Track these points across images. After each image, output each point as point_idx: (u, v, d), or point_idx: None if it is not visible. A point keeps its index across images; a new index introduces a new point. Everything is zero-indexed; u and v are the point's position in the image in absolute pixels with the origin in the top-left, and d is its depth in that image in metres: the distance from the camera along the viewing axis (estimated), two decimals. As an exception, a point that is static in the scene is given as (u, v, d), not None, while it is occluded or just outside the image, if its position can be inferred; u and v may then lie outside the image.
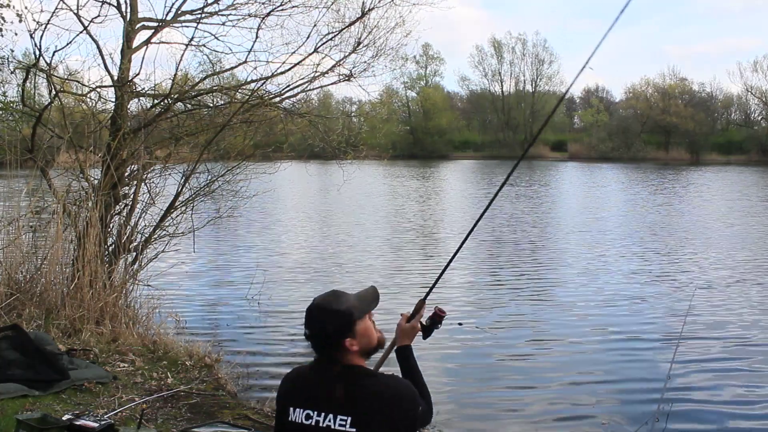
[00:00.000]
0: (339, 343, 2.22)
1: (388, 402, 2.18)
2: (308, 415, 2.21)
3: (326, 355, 2.25)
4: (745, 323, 8.56)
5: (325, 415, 2.18)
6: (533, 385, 6.58)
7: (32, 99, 8.00)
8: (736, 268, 12.20)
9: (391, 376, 2.29)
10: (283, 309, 9.31)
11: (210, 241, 14.28)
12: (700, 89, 68.15)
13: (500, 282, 11.26)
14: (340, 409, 2.17)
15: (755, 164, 54.74)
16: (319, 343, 2.25)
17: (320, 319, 2.24)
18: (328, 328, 2.23)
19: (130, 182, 7.49)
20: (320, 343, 2.25)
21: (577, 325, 8.54)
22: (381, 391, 2.20)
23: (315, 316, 2.25)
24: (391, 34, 7.68)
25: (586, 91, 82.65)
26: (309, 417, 2.20)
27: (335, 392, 2.18)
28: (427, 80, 74.85)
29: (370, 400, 2.17)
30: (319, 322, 2.23)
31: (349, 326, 2.24)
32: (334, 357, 2.24)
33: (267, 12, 7.52)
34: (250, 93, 7.67)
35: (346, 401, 2.17)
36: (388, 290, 10.03)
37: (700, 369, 6.89)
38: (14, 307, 6.34)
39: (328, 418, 2.18)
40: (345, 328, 2.23)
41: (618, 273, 11.79)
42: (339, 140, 8.49)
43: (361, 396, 2.18)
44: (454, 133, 73.08)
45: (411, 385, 2.29)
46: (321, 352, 2.26)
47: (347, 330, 2.23)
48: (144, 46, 7.51)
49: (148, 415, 4.60)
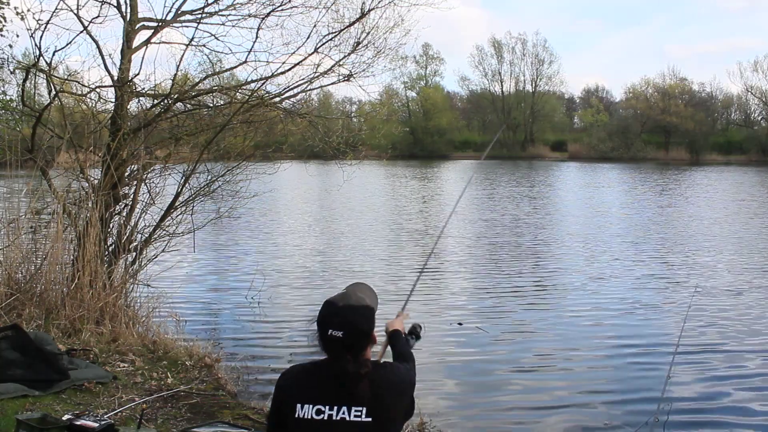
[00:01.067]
0: (370, 336, 2.27)
1: (398, 389, 2.27)
2: (319, 410, 2.20)
3: (355, 352, 2.21)
4: (746, 325, 8.56)
5: (338, 408, 2.19)
6: (533, 385, 6.59)
7: (32, 99, 8.00)
8: (737, 270, 12.20)
9: (393, 364, 2.41)
10: (283, 309, 9.31)
11: (210, 241, 14.29)
12: (700, 89, 68.25)
13: (500, 282, 11.25)
14: (355, 400, 2.19)
15: (755, 164, 54.74)
16: (353, 342, 2.21)
17: (352, 319, 2.22)
18: (363, 327, 2.24)
19: (130, 182, 7.49)
20: (354, 342, 2.21)
21: (577, 326, 8.54)
22: (392, 379, 2.28)
23: (346, 317, 2.21)
24: (390, 34, 7.70)
25: (586, 91, 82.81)
26: (320, 412, 2.20)
27: (359, 385, 2.18)
28: (427, 80, 74.85)
29: (385, 389, 2.23)
30: (352, 322, 2.22)
31: (374, 320, 2.31)
32: (360, 352, 2.23)
33: (267, 12, 7.53)
34: (250, 93, 7.67)
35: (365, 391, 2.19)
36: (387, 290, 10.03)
37: (700, 370, 6.90)
38: (14, 307, 6.34)
39: (341, 410, 2.19)
40: (373, 323, 2.29)
41: (618, 274, 11.78)
42: (339, 141, 8.49)
43: (378, 386, 2.22)
44: (454, 133, 73.07)
45: (410, 370, 2.43)
46: (350, 349, 2.20)
47: (374, 324, 2.30)
48: (144, 46, 7.51)
49: (148, 415, 4.60)
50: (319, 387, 2.23)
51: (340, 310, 2.22)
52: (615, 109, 74.95)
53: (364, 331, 2.24)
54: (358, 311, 2.24)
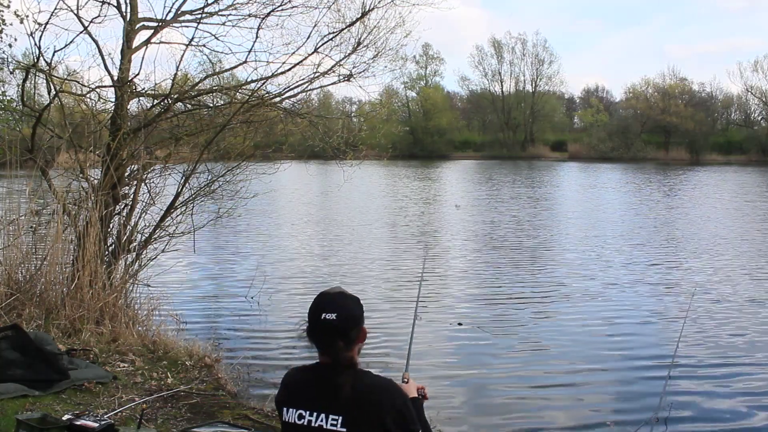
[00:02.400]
0: (360, 328, 2.25)
1: (380, 406, 2.17)
2: (300, 415, 2.21)
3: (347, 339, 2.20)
4: (746, 325, 8.56)
5: (317, 415, 2.18)
6: (533, 385, 6.58)
7: (32, 99, 7.99)
8: (737, 270, 12.20)
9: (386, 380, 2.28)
10: (283, 309, 9.31)
11: (210, 242, 14.28)
12: (700, 89, 68.25)
13: (500, 282, 11.25)
14: (333, 408, 2.16)
15: (755, 164, 54.73)
16: (346, 326, 2.20)
17: (344, 304, 2.25)
18: (355, 312, 2.25)
19: (130, 182, 7.49)
20: (346, 326, 2.20)
21: (577, 326, 8.54)
22: (372, 387, 2.21)
23: (339, 302, 2.24)
24: (391, 34, 7.69)
25: (586, 91, 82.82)
26: (301, 417, 2.21)
27: (342, 389, 2.15)
28: (427, 80, 74.85)
29: (365, 402, 2.16)
30: (345, 306, 2.24)
31: (363, 314, 2.29)
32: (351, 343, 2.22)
33: (267, 12, 7.53)
34: (250, 93, 7.67)
35: (345, 399, 2.15)
36: (387, 290, 10.04)
37: (700, 370, 6.90)
38: (14, 307, 6.34)
39: (320, 417, 2.18)
40: (362, 313, 2.29)
41: (618, 275, 11.78)
42: (339, 141, 8.49)
43: (359, 397, 2.17)
44: (454, 133, 73.09)
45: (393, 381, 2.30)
46: (343, 335, 2.19)
47: (363, 316, 2.29)
48: (144, 46, 7.50)
49: (148, 415, 4.60)
50: (303, 392, 2.24)
51: (333, 297, 2.27)
52: (615, 109, 74.97)
53: (356, 316, 2.25)
54: (350, 299, 2.29)
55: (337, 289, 2.34)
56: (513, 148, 69.47)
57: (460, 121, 76.26)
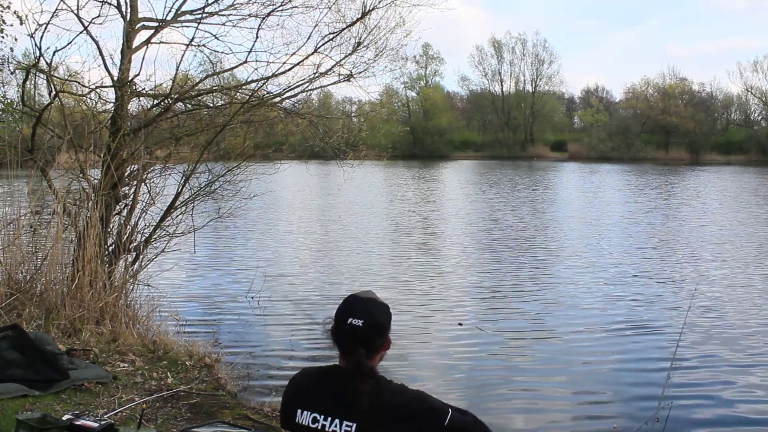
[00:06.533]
0: (385, 337, 2.22)
1: (399, 413, 2.14)
2: (315, 419, 2.18)
3: (369, 348, 2.17)
4: (746, 324, 8.56)
5: (332, 420, 2.15)
6: (532, 385, 6.58)
7: (32, 99, 7.99)
8: (738, 268, 12.20)
9: (403, 387, 2.21)
10: (283, 309, 9.31)
11: (210, 241, 14.28)
12: (700, 89, 68.33)
13: (500, 283, 11.25)
14: (348, 414, 2.14)
15: (755, 164, 54.74)
16: (370, 334, 2.18)
17: (374, 310, 2.21)
18: (382, 320, 2.22)
19: (130, 182, 7.48)
20: (371, 334, 2.18)
21: (577, 326, 8.53)
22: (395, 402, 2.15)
23: (369, 308, 2.21)
24: (391, 34, 7.69)
25: (585, 91, 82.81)
26: (315, 420, 2.18)
27: (360, 396, 2.11)
28: (427, 80, 74.86)
29: (383, 409, 2.13)
30: (374, 313, 2.21)
31: (391, 322, 2.26)
32: (371, 353, 2.19)
33: (267, 12, 7.52)
34: (251, 93, 7.66)
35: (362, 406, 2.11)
36: (387, 290, 10.03)
37: (700, 369, 6.90)
38: (14, 307, 6.34)
39: (334, 423, 2.15)
40: (390, 322, 2.25)
41: (618, 274, 11.78)
42: (339, 141, 8.49)
43: (376, 404, 2.13)
44: (454, 133, 73.08)
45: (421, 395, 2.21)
46: (365, 343, 2.17)
47: (390, 325, 2.25)
48: (144, 46, 7.50)
49: (148, 415, 4.60)
50: (319, 395, 2.21)
51: (363, 302, 2.23)
52: (615, 109, 74.99)
53: (383, 324, 2.22)
54: (380, 306, 2.25)
55: (368, 293, 2.28)
56: (513, 148, 69.49)
57: (460, 121, 76.26)
